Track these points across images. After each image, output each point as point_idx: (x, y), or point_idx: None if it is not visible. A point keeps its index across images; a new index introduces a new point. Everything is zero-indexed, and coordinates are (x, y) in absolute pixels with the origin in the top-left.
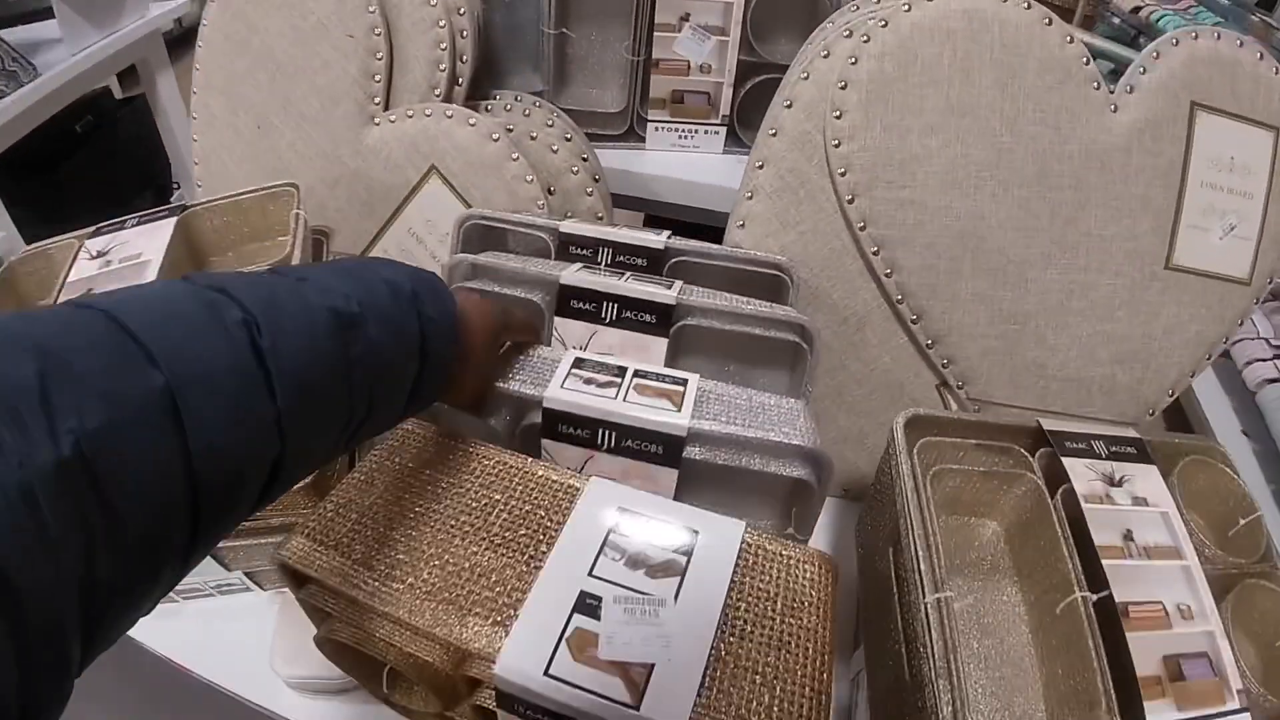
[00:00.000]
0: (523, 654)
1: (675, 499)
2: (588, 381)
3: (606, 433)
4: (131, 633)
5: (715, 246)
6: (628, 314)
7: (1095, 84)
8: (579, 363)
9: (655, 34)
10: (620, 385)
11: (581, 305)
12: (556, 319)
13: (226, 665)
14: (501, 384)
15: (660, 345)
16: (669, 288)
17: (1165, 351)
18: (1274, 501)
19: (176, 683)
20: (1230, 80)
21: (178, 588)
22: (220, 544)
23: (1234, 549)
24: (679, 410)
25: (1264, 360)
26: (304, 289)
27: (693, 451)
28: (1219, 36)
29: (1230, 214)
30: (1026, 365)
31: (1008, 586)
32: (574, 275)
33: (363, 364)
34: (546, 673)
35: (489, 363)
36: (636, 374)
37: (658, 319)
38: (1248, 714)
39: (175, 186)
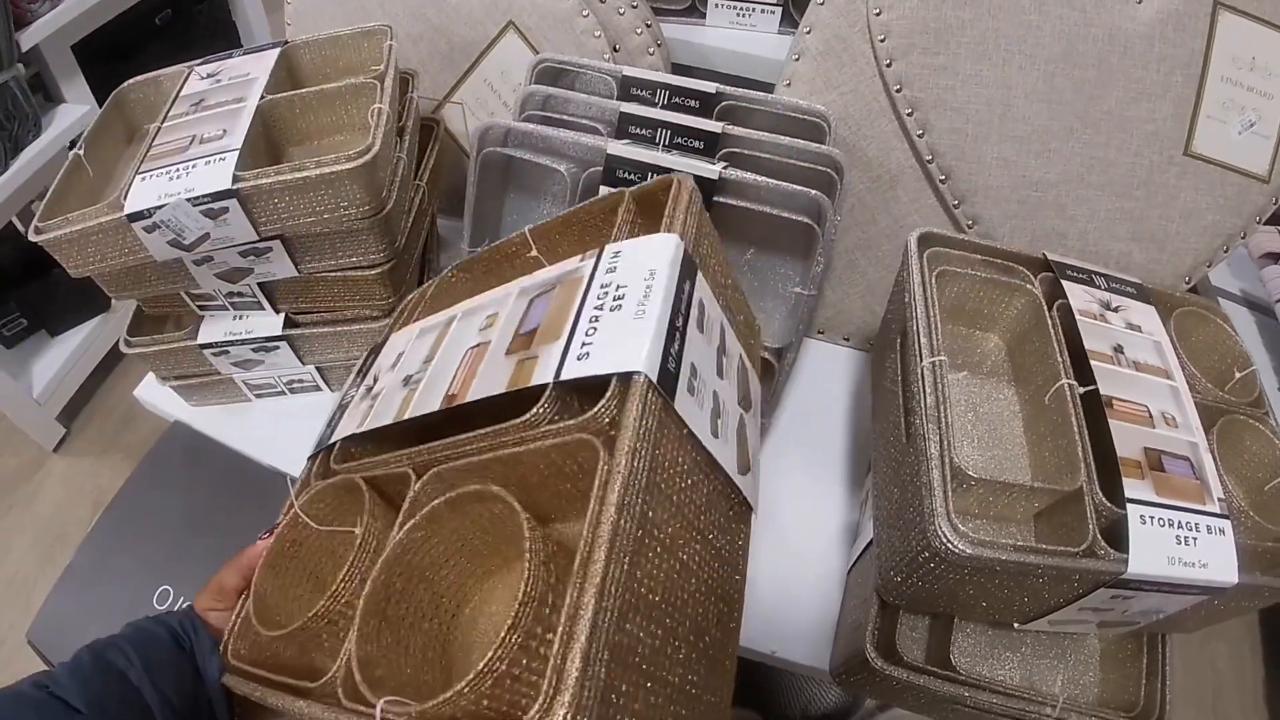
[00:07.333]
0: None
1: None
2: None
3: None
4: (206, 430)
5: (762, 94)
6: (679, 140)
7: None
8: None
9: None
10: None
11: (639, 131)
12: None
13: (291, 456)
14: None
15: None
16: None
17: (1181, 236)
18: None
19: (244, 471)
20: None
21: (251, 384)
22: (297, 333)
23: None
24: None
25: None
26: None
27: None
28: None
29: (1250, 111)
30: (1046, 232)
31: (1005, 388)
32: (632, 108)
33: None
34: None
35: None
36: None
37: (705, 146)
38: (1228, 521)
39: None
